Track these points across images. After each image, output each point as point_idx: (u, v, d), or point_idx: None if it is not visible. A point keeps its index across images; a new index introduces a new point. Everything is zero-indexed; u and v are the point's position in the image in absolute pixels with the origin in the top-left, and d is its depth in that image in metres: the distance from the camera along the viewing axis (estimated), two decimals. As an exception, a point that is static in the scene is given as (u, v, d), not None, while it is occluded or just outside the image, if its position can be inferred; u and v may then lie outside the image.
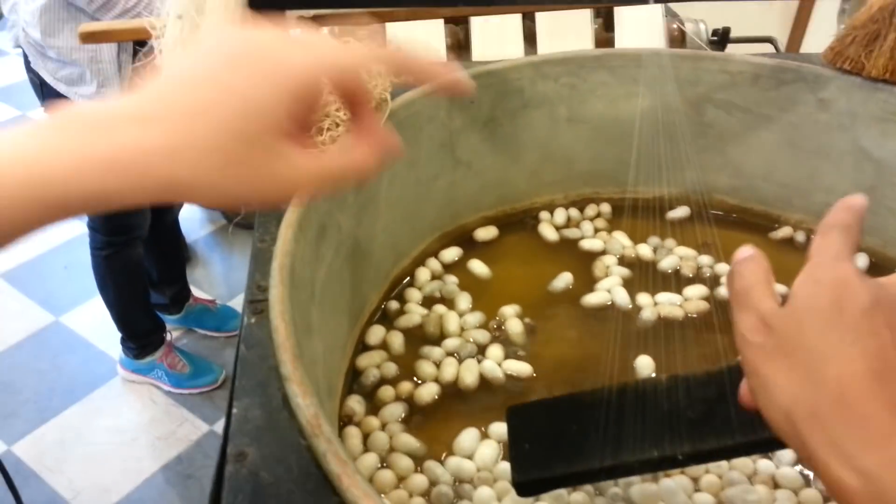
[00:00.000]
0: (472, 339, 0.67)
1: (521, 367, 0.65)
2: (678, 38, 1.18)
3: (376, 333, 0.68)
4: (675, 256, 0.78)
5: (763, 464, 0.55)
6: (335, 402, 0.60)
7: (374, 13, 0.89)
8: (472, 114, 0.78)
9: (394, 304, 0.72)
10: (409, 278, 0.76)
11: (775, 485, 0.54)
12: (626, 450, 0.42)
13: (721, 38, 1.25)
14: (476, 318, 0.70)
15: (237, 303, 1.88)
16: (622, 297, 0.72)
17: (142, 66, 0.69)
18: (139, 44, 0.71)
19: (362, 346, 0.67)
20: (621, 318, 0.71)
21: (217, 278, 1.99)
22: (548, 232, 0.83)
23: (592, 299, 0.73)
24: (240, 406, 0.42)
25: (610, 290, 0.73)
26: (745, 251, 0.37)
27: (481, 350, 0.67)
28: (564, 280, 0.75)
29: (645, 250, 0.79)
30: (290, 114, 0.30)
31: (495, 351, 0.66)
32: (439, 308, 0.71)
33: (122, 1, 1.14)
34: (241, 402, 0.42)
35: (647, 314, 0.71)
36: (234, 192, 0.30)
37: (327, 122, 0.64)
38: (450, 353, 0.66)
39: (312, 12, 0.72)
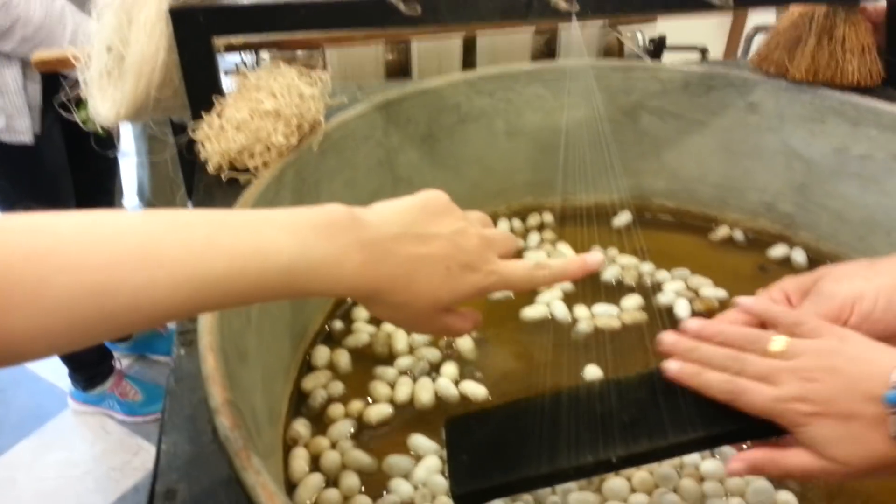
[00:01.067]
0: (423, 357, 0.67)
1: (477, 390, 0.63)
2: (616, 47, 1.20)
3: (321, 354, 0.67)
4: (617, 266, 0.79)
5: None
6: (278, 428, 0.60)
7: (310, 38, 0.89)
8: (410, 131, 0.78)
9: (338, 324, 0.71)
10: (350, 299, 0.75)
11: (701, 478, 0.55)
12: (562, 456, 0.42)
13: (657, 47, 1.27)
14: (425, 336, 0.70)
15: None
16: (561, 311, 0.72)
17: (65, 99, 0.68)
18: (61, 75, 0.70)
19: (307, 368, 0.67)
20: (562, 330, 0.71)
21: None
22: (491, 244, 0.83)
23: (531, 313, 0.73)
24: (168, 441, 0.41)
25: (549, 303, 0.73)
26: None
27: (434, 368, 0.66)
28: (505, 292, 0.75)
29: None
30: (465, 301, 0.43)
31: (450, 368, 0.66)
32: (387, 326, 0.71)
33: (20, 29, 1.09)
34: (169, 437, 0.41)
35: (584, 326, 0.71)
36: (406, 323, 0.46)
37: (259, 147, 0.64)
38: (403, 372, 0.66)
39: (242, 39, 0.72)
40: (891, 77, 0.82)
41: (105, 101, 0.68)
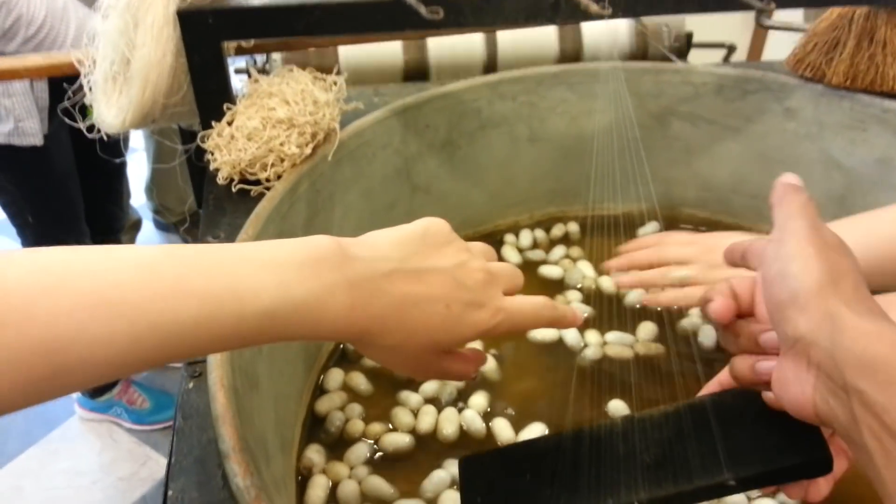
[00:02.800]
0: (449, 383, 0.62)
1: (504, 431, 0.58)
2: (640, 44, 1.16)
3: (335, 377, 0.64)
4: (639, 291, 0.74)
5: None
6: (291, 456, 0.56)
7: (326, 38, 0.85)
8: (428, 138, 0.74)
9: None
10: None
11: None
12: (581, 499, 0.39)
13: (684, 45, 1.23)
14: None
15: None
16: (572, 337, 0.68)
17: (70, 105, 0.64)
18: (67, 79, 0.66)
19: (320, 391, 0.63)
20: (572, 355, 0.67)
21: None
22: (511, 255, 0.79)
23: (539, 335, 0.68)
24: (175, 488, 0.38)
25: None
26: None
27: (462, 396, 0.62)
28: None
29: (606, 283, 0.74)
30: (469, 342, 0.40)
31: (478, 399, 0.61)
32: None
33: (23, 29, 1.05)
34: (176, 482, 0.38)
35: (592, 353, 0.66)
36: (401, 367, 0.40)
37: (272, 158, 0.60)
38: (428, 400, 0.62)
39: (253, 41, 0.68)
40: (936, 82, 0.77)
41: (111, 108, 0.64)
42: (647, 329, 0.69)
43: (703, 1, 0.64)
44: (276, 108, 0.62)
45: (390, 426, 0.59)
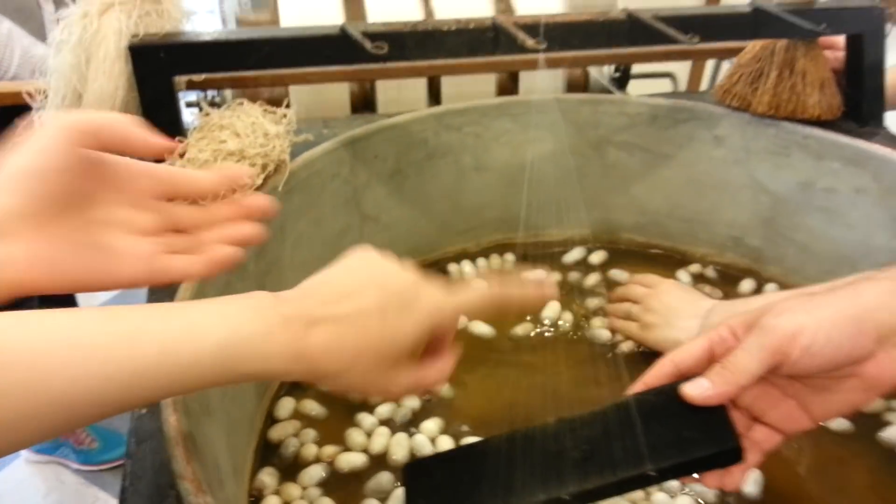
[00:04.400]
0: (404, 405, 0.64)
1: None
2: (581, 77, 1.21)
3: (286, 406, 0.65)
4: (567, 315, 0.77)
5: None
6: (244, 479, 0.57)
7: (275, 76, 0.87)
8: (377, 168, 0.77)
9: (306, 369, 0.69)
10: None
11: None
12: (515, 495, 0.42)
13: (623, 76, 1.29)
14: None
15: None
16: (529, 357, 0.71)
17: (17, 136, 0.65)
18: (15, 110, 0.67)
19: (272, 420, 0.64)
20: (528, 374, 0.70)
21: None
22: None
23: (494, 354, 0.70)
24: (129, 509, 0.38)
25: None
26: None
27: (415, 420, 0.64)
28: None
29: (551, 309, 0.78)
30: (416, 346, 0.40)
31: (430, 425, 0.63)
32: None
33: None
34: None
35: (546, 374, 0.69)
36: (360, 389, 0.40)
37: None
38: (383, 422, 0.63)
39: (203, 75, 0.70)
40: (850, 110, 0.83)
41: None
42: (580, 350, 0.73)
43: (632, 36, 0.68)
44: (228, 140, 0.63)
45: (344, 447, 0.60)
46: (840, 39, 0.84)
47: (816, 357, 0.39)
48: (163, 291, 0.56)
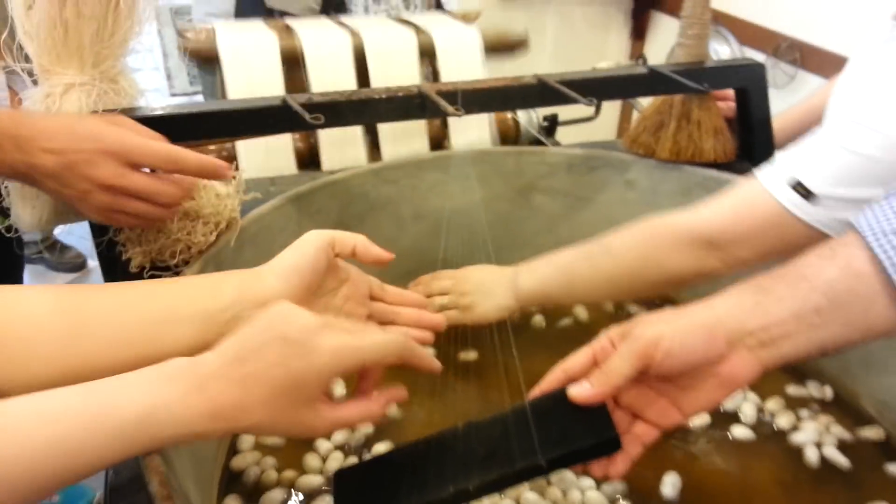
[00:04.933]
0: (358, 430, 0.71)
1: None
2: (513, 127, 1.30)
3: (247, 438, 0.71)
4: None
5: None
6: (211, 505, 0.62)
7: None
8: (322, 221, 0.84)
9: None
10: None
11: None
12: (428, 490, 0.49)
13: (550, 125, 1.39)
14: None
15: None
16: (476, 383, 0.79)
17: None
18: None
19: (234, 452, 0.70)
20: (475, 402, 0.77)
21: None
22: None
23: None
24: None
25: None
26: None
27: (369, 443, 0.70)
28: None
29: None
30: (326, 386, 0.45)
31: (381, 447, 0.69)
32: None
33: None
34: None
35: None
36: (279, 432, 0.46)
37: (180, 246, 0.68)
38: (338, 447, 0.70)
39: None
40: (744, 152, 0.94)
41: (26, 209, 0.71)
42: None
43: (544, 97, 0.77)
44: (182, 202, 0.70)
45: (302, 471, 0.67)
46: (731, 91, 0.95)
47: (675, 359, 0.47)
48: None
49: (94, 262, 2.44)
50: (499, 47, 1.06)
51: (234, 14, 1.79)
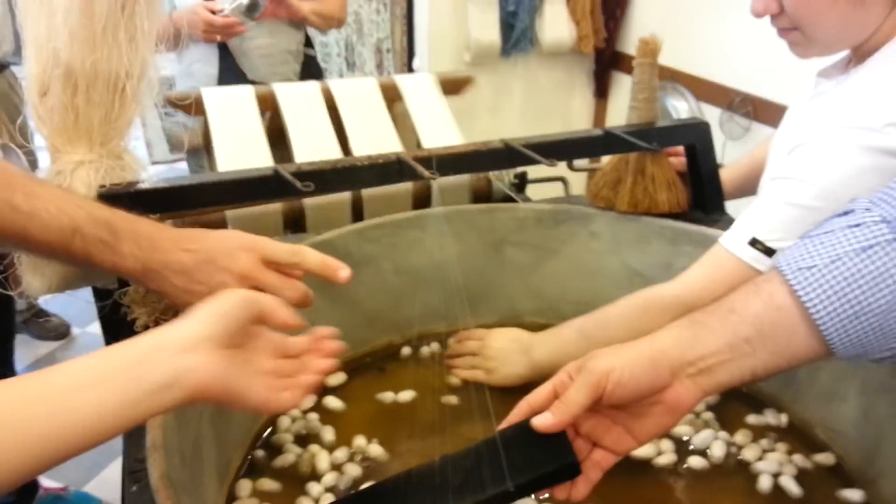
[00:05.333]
0: (346, 472, 0.76)
1: None
2: (485, 185, 1.39)
3: (244, 486, 0.75)
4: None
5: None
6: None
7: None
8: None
9: (260, 453, 0.80)
10: (270, 428, 0.84)
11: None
12: None
13: (521, 182, 1.47)
14: (346, 452, 0.80)
15: (94, 486, 1.82)
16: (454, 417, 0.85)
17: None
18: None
19: (232, 498, 0.74)
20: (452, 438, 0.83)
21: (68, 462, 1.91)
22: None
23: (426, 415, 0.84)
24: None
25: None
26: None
27: (357, 484, 0.75)
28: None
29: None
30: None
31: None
32: (312, 447, 0.80)
33: None
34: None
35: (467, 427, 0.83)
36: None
37: (182, 306, 0.74)
38: (329, 489, 0.75)
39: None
40: (697, 202, 1.02)
41: (36, 276, 0.76)
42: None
43: (510, 160, 0.85)
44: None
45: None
46: (681, 147, 1.04)
47: (625, 388, 0.54)
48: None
49: (77, 330, 2.47)
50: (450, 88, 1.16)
51: (216, 85, 1.88)
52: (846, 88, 0.78)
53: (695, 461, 0.80)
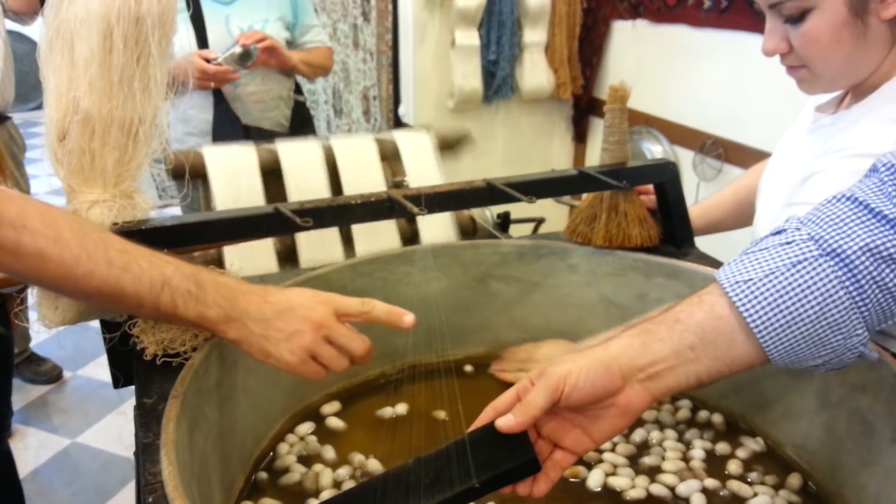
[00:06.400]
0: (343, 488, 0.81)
1: None
2: (470, 224, 1.46)
3: (246, 506, 0.80)
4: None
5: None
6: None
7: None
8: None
9: (262, 475, 0.84)
10: (271, 454, 0.89)
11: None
12: None
13: (503, 221, 1.54)
14: (348, 470, 0.84)
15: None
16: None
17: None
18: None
19: (237, 516, 0.79)
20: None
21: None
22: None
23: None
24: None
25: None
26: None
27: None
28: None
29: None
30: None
31: None
32: (316, 466, 0.85)
33: None
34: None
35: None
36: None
37: (188, 335, 0.79)
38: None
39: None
40: (667, 237, 1.09)
41: (50, 308, 0.81)
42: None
43: (493, 197, 0.92)
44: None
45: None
46: (651, 186, 1.11)
47: (581, 392, 0.59)
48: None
49: (69, 373, 2.49)
50: (446, 145, 1.23)
51: (211, 131, 1.96)
52: (854, 120, 0.86)
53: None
